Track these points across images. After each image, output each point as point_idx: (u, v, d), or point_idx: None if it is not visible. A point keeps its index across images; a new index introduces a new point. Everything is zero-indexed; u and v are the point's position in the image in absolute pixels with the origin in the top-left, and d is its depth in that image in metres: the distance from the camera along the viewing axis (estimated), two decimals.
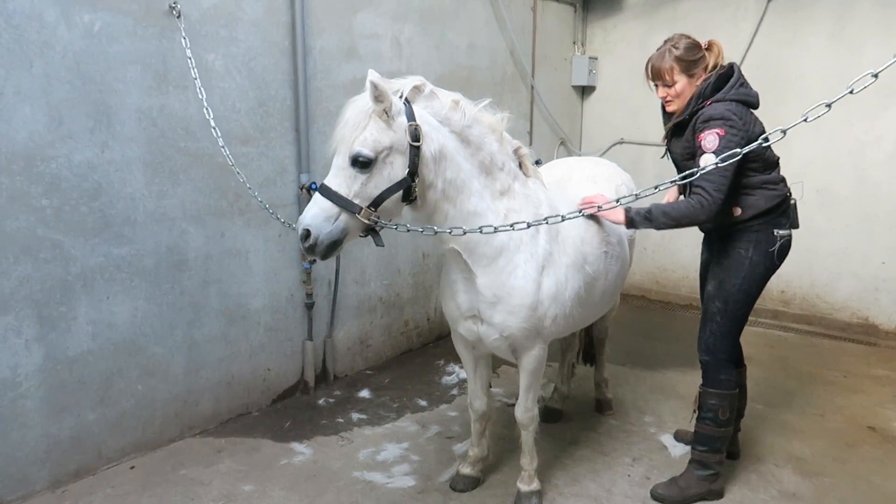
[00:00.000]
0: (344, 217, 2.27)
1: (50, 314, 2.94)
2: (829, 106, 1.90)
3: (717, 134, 2.56)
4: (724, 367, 2.89)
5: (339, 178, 2.28)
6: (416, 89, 2.36)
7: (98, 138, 3.02)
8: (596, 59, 6.47)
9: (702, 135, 2.62)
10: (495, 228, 2.41)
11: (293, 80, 3.81)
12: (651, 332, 5.47)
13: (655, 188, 2.31)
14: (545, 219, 2.45)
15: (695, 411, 3.02)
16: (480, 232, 2.41)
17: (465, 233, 2.39)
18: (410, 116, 2.29)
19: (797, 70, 5.38)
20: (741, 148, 2.26)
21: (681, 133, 2.81)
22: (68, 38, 2.87)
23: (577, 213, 2.48)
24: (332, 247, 2.30)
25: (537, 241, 2.61)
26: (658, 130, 3.02)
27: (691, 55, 2.73)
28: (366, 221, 2.29)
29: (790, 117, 2.01)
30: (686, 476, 3.00)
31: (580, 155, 6.36)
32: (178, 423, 3.52)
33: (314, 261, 4.02)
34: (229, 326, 3.70)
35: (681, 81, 2.74)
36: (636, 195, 2.43)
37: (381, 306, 4.68)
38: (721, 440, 2.95)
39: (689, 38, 2.76)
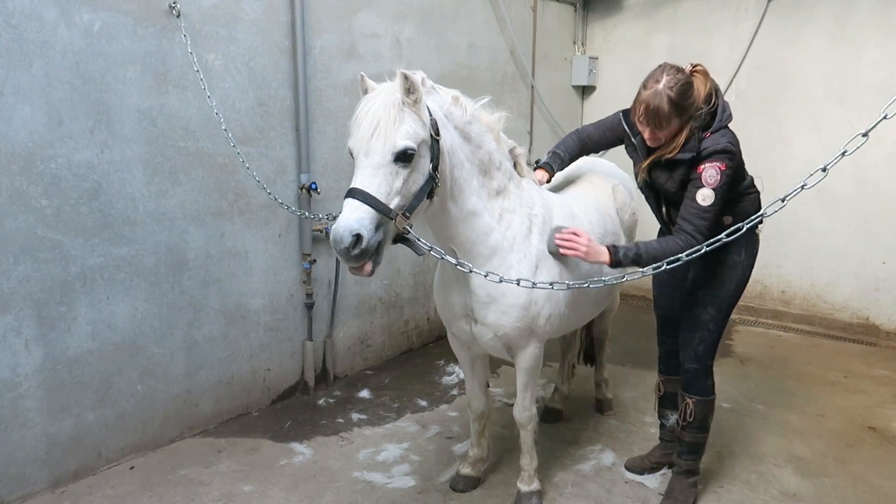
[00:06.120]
0: (384, 223, 2.12)
1: (49, 314, 2.94)
2: (865, 135, 1.82)
3: (719, 168, 2.48)
4: (709, 373, 2.88)
5: (378, 177, 2.10)
6: (422, 84, 2.31)
7: (98, 138, 3.02)
8: (596, 58, 6.46)
9: (702, 167, 2.52)
10: (518, 282, 2.37)
11: (293, 79, 3.81)
12: (651, 332, 5.41)
13: (727, 235, 2.26)
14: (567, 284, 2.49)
15: (656, 401, 3.27)
16: (517, 284, 2.38)
17: (500, 281, 2.35)
18: (429, 110, 2.25)
19: (797, 70, 5.38)
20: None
21: (673, 165, 2.63)
22: (68, 37, 2.86)
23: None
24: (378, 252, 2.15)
25: (530, 241, 2.61)
26: None
27: (687, 98, 2.48)
28: (400, 228, 2.16)
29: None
30: (680, 488, 2.97)
31: None
32: (177, 423, 3.52)
33: (314, 261, 4.02)
34: (229, 326, 3.70)
35: (673, 125, 2.52)
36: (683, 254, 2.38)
37: (381, 306, 4.67)
38: (705, 443, 2.97)
39: (678, 73, 2.49)
